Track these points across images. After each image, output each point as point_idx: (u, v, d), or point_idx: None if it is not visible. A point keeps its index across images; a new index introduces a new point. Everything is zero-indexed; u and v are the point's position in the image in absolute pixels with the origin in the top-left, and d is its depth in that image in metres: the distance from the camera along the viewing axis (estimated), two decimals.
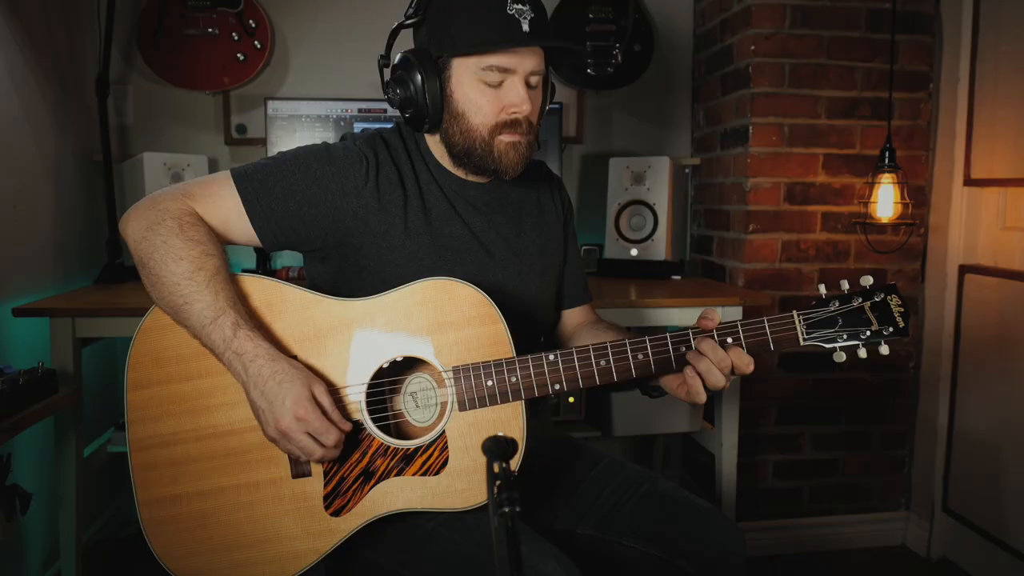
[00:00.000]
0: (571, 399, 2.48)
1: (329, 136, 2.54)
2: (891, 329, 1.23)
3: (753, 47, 2.43)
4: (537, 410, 1.44)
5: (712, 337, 1.21)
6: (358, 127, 2.56)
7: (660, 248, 2.60)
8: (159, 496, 1.25)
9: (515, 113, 1.28)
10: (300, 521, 1.21)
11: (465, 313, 1.21)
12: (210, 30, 2.51)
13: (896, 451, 2.68)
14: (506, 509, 0.82)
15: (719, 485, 2.38)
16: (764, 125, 2.46)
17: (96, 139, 2.45)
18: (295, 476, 1.22)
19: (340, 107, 2.56)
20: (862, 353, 1.24)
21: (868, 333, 1.23)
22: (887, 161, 2.31)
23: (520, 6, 1.24)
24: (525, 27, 1.24)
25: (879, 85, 2.48)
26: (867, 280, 1.25)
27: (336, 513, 1.20)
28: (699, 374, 1.20)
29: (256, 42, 2.54)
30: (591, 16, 2.67)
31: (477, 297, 1.21)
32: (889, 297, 1.25)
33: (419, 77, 1.27)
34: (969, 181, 2.42)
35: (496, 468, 0.86)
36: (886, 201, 2.31)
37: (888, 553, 2.67)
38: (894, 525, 2.71)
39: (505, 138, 1.29)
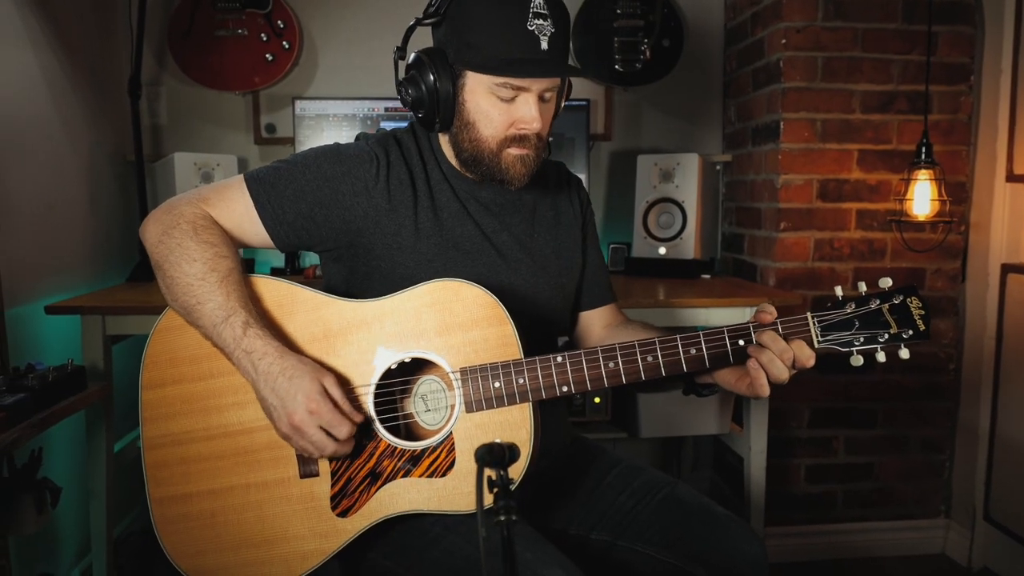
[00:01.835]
0: (597, 399, 2.45)
1: (356, 135, 2.54)
2: (911, 332, 1.19)
3: (784, 41, 2.37)
4: (555, 412, 1.43)
5: (776, 328, 1.18)
6: (385, 126, 2.57)
7: (689, 247, 2.55)
8: (170, 494, 1.27)
9: (525, 129, 1.27)
10: (307, 521, 1.21)
11: (473, 314, 1.19)
12: (239, 31, 2.54)
13: (935, 456, 2.59)
14: (502, 518, 0.81)
15: (747, 488, 2.33)
16: (796, 121, 2.40)
17: (130, 139, 2.49)
18: (303, 476, 1.22)
19: (367, 106, 2.57)
20: (880, 357, 1.20)
21: (886, 336, 1.18)
22: (924, 157, 2.23)
23: (541, 21, 1.22)
24: (544, 44, 1.22)
25: (917, 78, 2.40)
26: (886, 282, 1.21)
27: (343, 514, 1.20)
28: (762, 366, 1.17)
29: (284, 42, 2.56)
30: (619, 11, 2.63)
31: (485, 298, 1.19)
32: (909, 299, 1.20)
33: (432, 80, 1.26)
34: (1012, 177, 2.33)
35: (494, 476, 0.85)
36: (923, 198, 2.23)
37: (927, 561, 2.59)
38: (933, 533, 2.63)
39: (513, 151, 1.28)
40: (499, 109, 1.26)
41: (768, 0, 2.46)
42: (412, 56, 1.31)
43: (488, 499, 0.83)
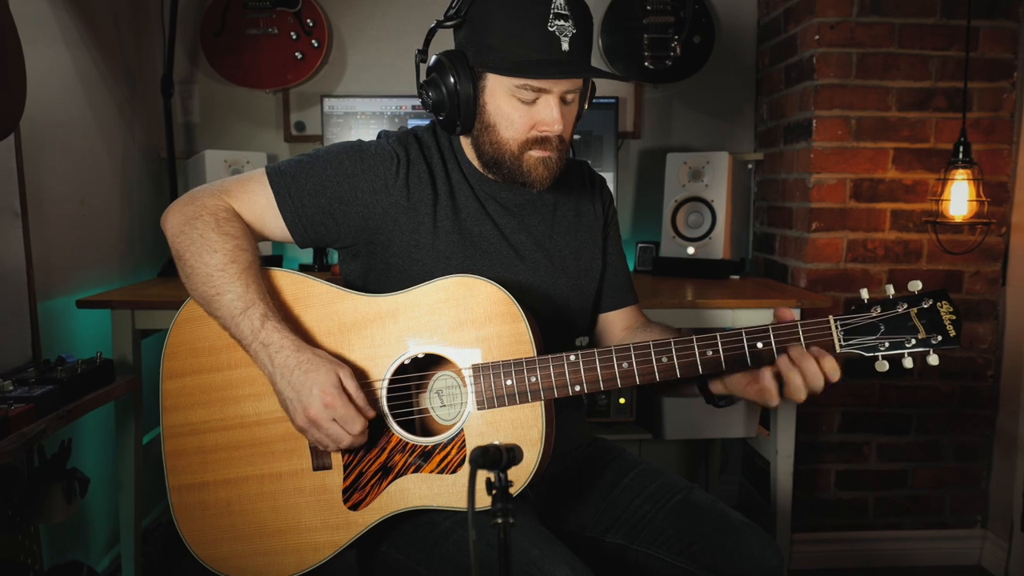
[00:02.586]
0: (622, 400, 2.43)
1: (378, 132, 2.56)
2: (940, 338, 1.14)
3: (817, 37, 2.32)
4: (574, 412, 1.41)
5: (797, 334, 1.15)
6: (412, 123, 2.57)
7: (718, 246, 2.52)
8: (188, 483, 1.28)
9: (546, 131, 1.25)
10: (319, 513, 1.22)
11: (487, 311, 1.19)
12: (270, 30, 2.57)
13: (972, 465, 2.52)
14: (499, 520, 0.80)
15: (774, 493, 2.28)
16: (829, 118, 2.35)
17: (163, 137, 2.53)
18: (316, 468, 1.22)
19: (394, 104, 2.58)
20: (908, 363, 1.16)
21: (913, 342, 1.14)
22: (961, 156, 2.16)
23: (561, 22, 1.20)
24: (564, 46, 1.20)
25: (956, 75, 2.33)
26: (916, 285, 1.17)
27: (354, 507, 1.20)
28: (786, 381, 1.16)
29: (314, 41, 2.59)
30: (649, 8, 2.60)
31: (499, 295, 1.18)
32: (939, 303, 1.16)
33: (453, 83, 1.25)
34: None
35: (493, 478, 0.84)
36: (960, 199, 2.17)
37: (962, 573, 2.52)
38: (969, 543, 2.55)
39: (535, 153, 1.27)
40: (520, 111, 1.25)
41: None
42: (433, 59, 1.30)
43: (488, 501, 0.82)
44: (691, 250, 2.55)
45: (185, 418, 1.29)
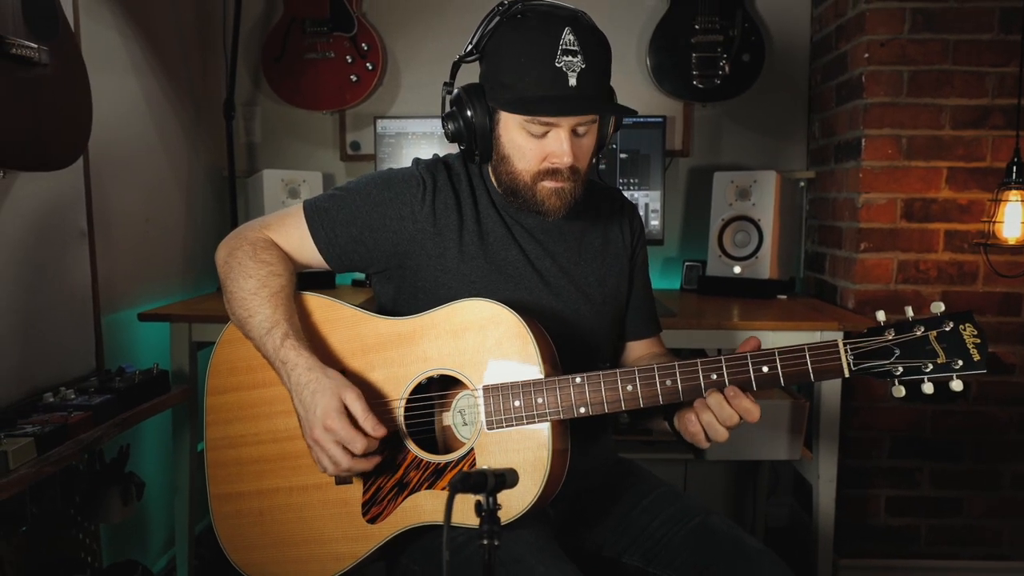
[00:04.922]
0: None
1: (433, 152, 2.63)
2: (961, 363, 1.10)
3: (867, 55, 2.28)
4: (597, 432, 1.43)
5: (720, 391, 1.17)
6: None
7: (765, 266, 2.49)
8: (226, 492, 1.37)
9: (556, 164, 1.28)
10: (340, 526, 1.27)
11: (498, 333, 1.22)
12: (327, 54, 2.67)
13: None
14: (484, 542, 0.84)
15: (816, 517, 2.24)
16: (878, 137, 2.31)
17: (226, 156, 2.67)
18: (338, 483, 1.28)
19: None
20: (927, 388, 1.13)
21: (930, 367, 1.11)
22: (1014, 176, 2.09)
23: (570, 58, 1.22)
24: (572, 81, 1.22)
25: (1015, 92, 2.25)
26: (938, 307, 1.12)
27: (372, 520, 1.25)
28: (703, 427, 1.21)
29: (368, 64, 2.68)
30: (697, 27, 2.60)
31: (509, 318, 1.22)
32: (962, 326, 1.11)
33: (469, 116, 1.31)
34: None
35: (482, 501, 0.87)
36: (1013, 220, 2.09)
37: None
38: None
39: (548, 184, 1.30)
40: (531, 144, 1.28)
41: (852, 13, 2.38)
42: (455, 92, 1.36)
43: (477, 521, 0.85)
44: (737, 269, 2.53)
45: (225, 432, 1.38)
